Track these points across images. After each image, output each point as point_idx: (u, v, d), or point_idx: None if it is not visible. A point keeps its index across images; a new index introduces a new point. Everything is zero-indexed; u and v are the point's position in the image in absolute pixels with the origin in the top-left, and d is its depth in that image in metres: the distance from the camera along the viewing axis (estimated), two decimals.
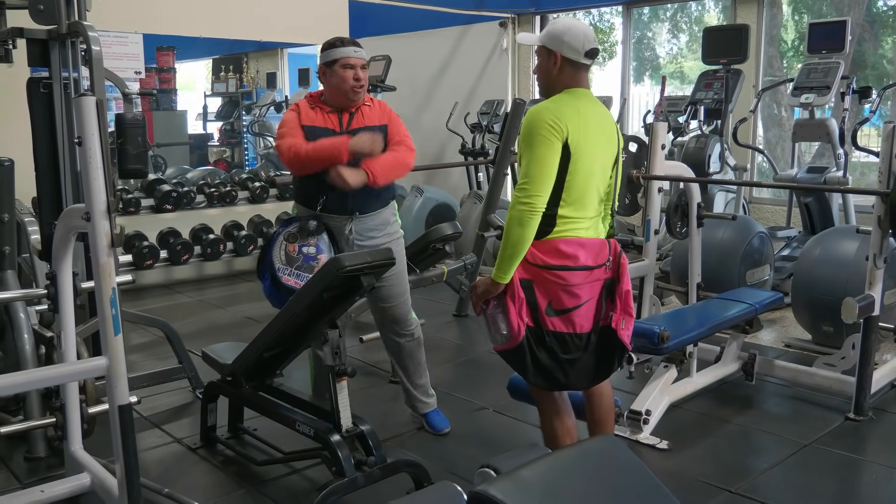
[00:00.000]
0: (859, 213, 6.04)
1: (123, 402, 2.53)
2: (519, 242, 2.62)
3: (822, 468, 3.45)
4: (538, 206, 2.60)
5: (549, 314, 2.68)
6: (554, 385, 2.79)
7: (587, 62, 2.75)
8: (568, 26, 2.75)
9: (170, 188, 6.94)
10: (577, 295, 2.68)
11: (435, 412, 3.81)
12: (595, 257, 2.72)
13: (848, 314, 3.66)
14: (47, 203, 3.86)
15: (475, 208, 6.99)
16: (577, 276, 2.68)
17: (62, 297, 2.94)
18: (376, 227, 3.54)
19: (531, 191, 2.60)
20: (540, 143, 2.62)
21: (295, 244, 3.44)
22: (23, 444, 3.56)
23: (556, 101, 2.73)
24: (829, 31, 5.86)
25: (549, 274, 2.67)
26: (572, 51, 2.71)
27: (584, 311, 2.71)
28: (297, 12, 7.51)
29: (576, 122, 2.65)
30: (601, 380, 2.88)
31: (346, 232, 3.47)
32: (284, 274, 3.40)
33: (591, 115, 2.73)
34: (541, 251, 2.66)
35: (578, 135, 2.64)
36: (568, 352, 2.71)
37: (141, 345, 5.16)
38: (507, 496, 1.62)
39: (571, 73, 2.75)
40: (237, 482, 3.34)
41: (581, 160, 2.65)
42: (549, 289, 2.68)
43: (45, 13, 3.71)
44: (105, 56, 3.77)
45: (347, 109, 3.49)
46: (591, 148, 2.69)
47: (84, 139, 2.41)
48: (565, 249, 2.66)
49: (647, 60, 9.54)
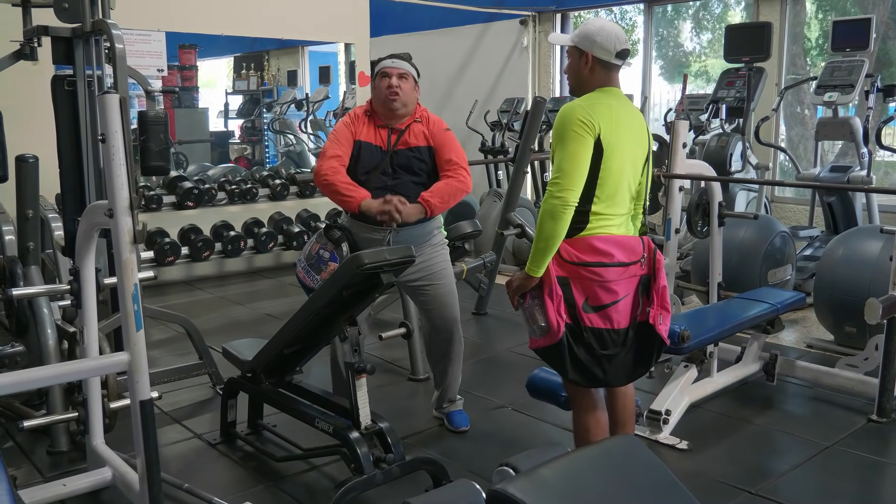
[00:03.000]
0: (883, 213, 5.99)
1: (145, 398, 2.55)
2: (552, 236, 2.63)
3: (843, 470, 3.41)
4: (570, 200, 2.61)
5: (587, 310, 2.69)
6: (592, 381, 2.79)
7: (618, 63, 2.76)
8: (600, 27, 2.75)
9: (191, 185, 6.98)
10: (613, 291, 2.69)
11: (459, 411, 3.84)
12: (629, 254, 2.74)
13: (871, 315, 3.62)
14: (71, 199, 3.89)
15: (495, 206, 6.99)
16: (613, 272, 2.69)
17: (85, 293, 2.97)
18: (417, 237, 3.50)
19: (564, 185, 2.61)
20: (572, 139, 2.63)
21: (318, 244, 3.51)
22: (45, 438, 3.60)
23: (589, 98, 2.74)
24: (853, 28, 5.80)
25: (585, 270, 2.68)
26: (604, 51, 2.73)
27: (622, 307, 2.72)
28: (318, 10, 7.53)
29: (608, 120, 2.66)
30: (639, 375, 2.89)
31: (383, 243, 3.46)
32: (300, 265, 3.52)
33: (623, 113, 2.74)
34: (575, 248, 2.68)
35: (610, 132, 2.66)
36: (606, 348, 2.72)
37: (162, 340, 5.19)
38: (525, 495, 1.61)
39: (602, 73, 2.76)
40: (256, 478, 3.35)
41: (613, 157, 2.67)
42: (586, 285, 2.69)
43: (70, 11, 3.74)
44: (128, 54, 3.80)
45: (395, 127, 3.51)
46: (623, 145, 2.70)
47: (107, 136, 2.43)
48: (600, 246, 2.68)
49: (670, 59, 9.48)
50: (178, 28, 7.20)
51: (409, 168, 3.49)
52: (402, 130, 3.51)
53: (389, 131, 3.51)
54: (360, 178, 3.48)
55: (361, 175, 3.49)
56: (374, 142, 3.50)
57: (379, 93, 3.49)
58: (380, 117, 3.53)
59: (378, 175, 3.48)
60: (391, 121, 3.52)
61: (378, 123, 3.53)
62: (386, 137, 3.51)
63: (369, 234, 3.49)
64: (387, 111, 3.49)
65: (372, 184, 3.47)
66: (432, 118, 3.61)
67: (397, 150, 3.49)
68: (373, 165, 3.48)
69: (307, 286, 3.48)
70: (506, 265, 7.05)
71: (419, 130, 3.53)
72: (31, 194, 3.60)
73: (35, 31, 3.83)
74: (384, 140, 3.50)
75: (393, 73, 3.47)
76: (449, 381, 3.77)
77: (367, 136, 3.51)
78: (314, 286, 3.40)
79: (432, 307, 3.62)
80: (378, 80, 3.50)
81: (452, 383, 3.79)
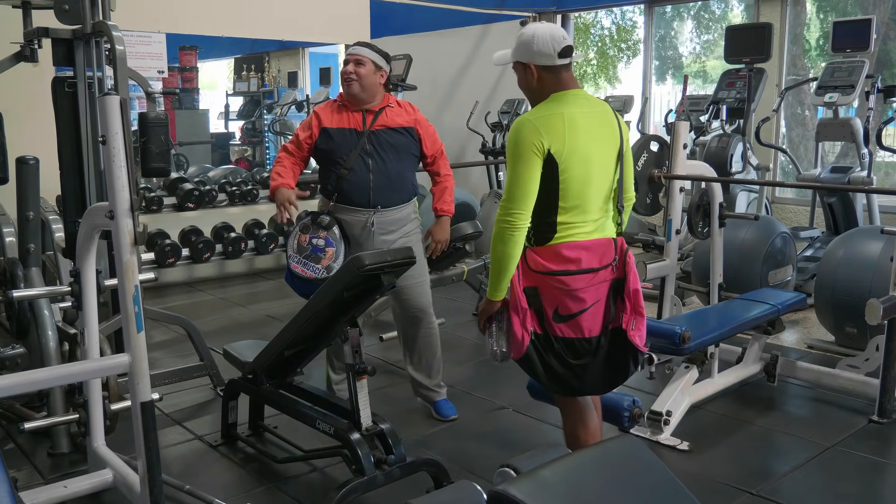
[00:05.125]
0: (884, 214, 5.99)
1: (146, 399, 2.55)
2: (503, 259, 2.59)
3: (844, 471, 3.41)
4: (517, 223, 2.56)
5: (556, 320, 2.63)
6: (569, 391, 2.76)
7: (563, 62, 2.65)
8: (533, 33, 2.65)
9: (192, 187, 6.99)
10: (581, 299, 2.62)
11: (444, 400, 3.92)
12: (600, 258, 2.66)
13: (872, 315, 3.62)
14: (71, 201, 3.90)
15: (495, 207, 6.96)
16: (580, 279, 2.61)
17: (85, 295, 2.97)
18: (397, 220, 3.70)
19: (511, 208, 2.56)
20: (518, 162, 2.57)
21: (307, 235, 3.64)
22: (46, 440, 3.60)
23: (539, 110, 2.65)
24: (853, 29, 5.80)
25: (552, 280, 2.61)
26: (544, 57, 2.63)
27: (591, 315, 2.65)
28: (318, 12, 7.53)
29: (559, 131, 2.56)
30: (617, 384, 2.81)
31: (368, 225, 3.64)
32: (293, 261, 3.62)
33: (581, 117, 2.62)
34: (542, 257, 2.62)
35: (563, 143, 2.56)
36: (578, 357, 2.65)
37: (163, 342, 5.19)
38: (526, 496, 1.61)
39: (551, 78, 2.66)
40: (257, 479, 3.35)
41: (572, 166, 2.58)
42: (554, 295, 2.62)
43: (70, 13, 3.75)
44: (129, 55, 3.81)
45: (371, 109, 3.65)
46: (583, 152, 2.60)
47: (108, 138, 2.43)
48: (567, 254, 2.61)
49: (670, 59, 9.49)
50: (179, 29, 7.21)
51: (392, 146, 3.65)
52: (376, 112, 3.66)
53: (364, 113, 3.65)
54: (340, 160, 3.61)
55: (341, 157, 3.62)
56: (347, 125, 3.65)
57: (341, 77, 3.68)
58: (352, 104, 3.68)
59: (357, 156, 3.61)
60: (361, 104, 3.66)
61: (351, 109, 3.67)
62: (361, 120, 3.65)
63: (352, 216, 3.66)
64: (348, 96, 3.66)
65: (352, 164, 3.61)
66: (404, 102, 3.83)
67: (375, 131, 3.63)
68: (350, 147, 3.62)
69: (307, 278, 3.55)
70: None
71: (395, 113, 3.69)
72: (32, 196, 3.60)
73: (35, 32, 3.83)
74: (359, 122, 3.64)
75: (350, 58, 3.65)
76: (427, 368, 3.88)
77: (339, 123, 3.66)
78: (315, 275, 3.53)
79: (404, 296, 3.76)
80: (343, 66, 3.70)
81: (434, 370, 3.89)
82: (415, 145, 3.72)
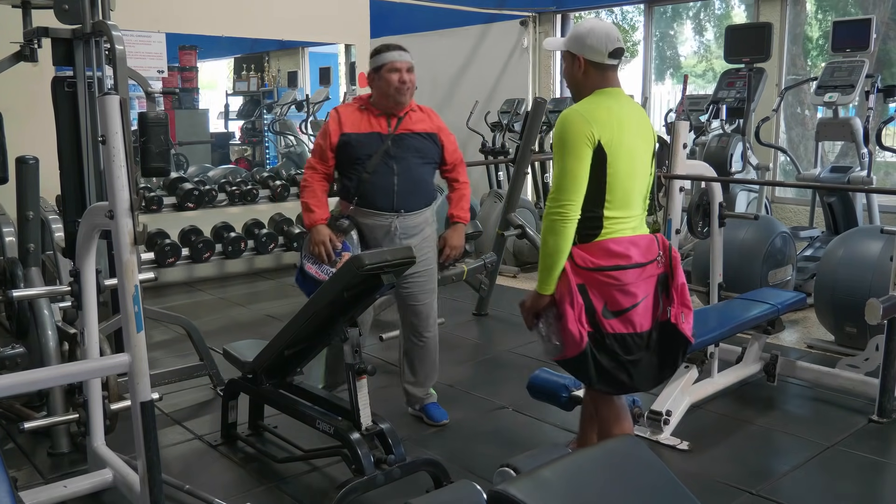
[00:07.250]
0: (883, 213, 5.98)
1: (145, 399, 2.55)
2: (555, 252, 2.58)
3: (844, 470, 3.41)
4: (569, 214, 2.56)
5: (607, 316, 2.61)
6: (619, 388, 2.73)
7: (612, 63, 2.69)
8: (590, 28, 2.69)
9: (192, 186, 6.98)
10: (632, 293, 2.62)
11: (434, 404, 3.89)
12: (646, 253, 2.67)
13: (872, 315, 3.62)
14: (71, 201, 3.90)
15: (495, 207, 6.99)
16: (630, 274, 2.62)
17: (85, 294, 2.97)
18: (418, 224, 3.67)
19: (562, 200, 2.56)
20: (569, 153, 2.57)
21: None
22: (46, 440, 3.60)
23: (587, 103, 2.67)
24: (853, 29, 5.80)
25: (602, 275, 2.60)
26: (595, 53, 2.66)
27: (642, 310, 2.65)
28: (318, 11, 7.53)
29: (607, 123, 2.60)
30: (665, 378, 2.82)
31: (392, 229, 3.60)
32: (308, 262, 3.61)
33: (625, 113, 2.68)
34: (590, 254, 2.61)
35: (612, 135, 2.59)
36: (630, 353, 2.64)
37: (163, 342, 5.19)
38: (526, 496, 1.61)
39: (597, 74, 2.69)
40: (257, 479, 3.35)
41: (619, 160, 2.61)
42: (604, 290, 2.61)
43: (70, 13, 3.75)
44: (128, 55, 3.81)
45: (395, 113, 3.60)
46: (629, 146, 2.64)
47: (107, 138, 2.43)
48: (616, 249, 2.61)
49: (670, 59, 9.49)
50: (179, 29, 7.21)
51: (415, 150, 3.61)
52: (401, 116, 3.61)
53: (388, 118, 3.60)
54: (362, 164, 3.55)
55: (362, 162, 3.55)
56: (369, 129, 3.58)
57: (387, 85, 3.53)
58: (378, 108, 3.61)
59: (380, 159, 3.55)
60: (393, 109, 3.60)
61: (375, 113, 3.61)
62: (386, 123, 3.60)
63: (374, 220, 3.60)
64: (393, 103, 3.57)
65: (374, 168, 3.55)
66: (426, 108, 3.77)
67: (399, 135, 3.58)
68: (373, 150, 3.55)
69: (320, 280, 3.53)
70: (506, 266, 7.06)
71: (419, 118, 3.65)
72: (32, 196, 3.60)
73: (35, 32, 3.83)
74: (384, 126, 3.59)
75: (402, 67, 3.55)
76: (419, 378, 3.85)
77: (360, 125, 3.59)
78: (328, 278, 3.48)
79: (414, 302, 3.74)
80: (385, 73, 3.53)
81: (423, 381, 3.87)
82: (437, 151, 3.70)
